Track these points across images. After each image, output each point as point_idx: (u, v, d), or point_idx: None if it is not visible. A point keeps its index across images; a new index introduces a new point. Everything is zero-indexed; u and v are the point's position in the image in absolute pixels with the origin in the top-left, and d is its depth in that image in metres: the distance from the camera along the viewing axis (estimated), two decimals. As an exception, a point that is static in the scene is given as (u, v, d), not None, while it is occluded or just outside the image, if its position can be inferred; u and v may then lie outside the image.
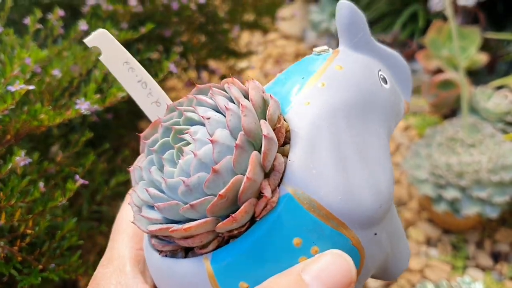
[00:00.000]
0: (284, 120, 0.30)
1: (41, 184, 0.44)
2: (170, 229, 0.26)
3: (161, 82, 1.01)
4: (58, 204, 0.44)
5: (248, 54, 0.97)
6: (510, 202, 0.88)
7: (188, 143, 0.29)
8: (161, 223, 0.28)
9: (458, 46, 0.96)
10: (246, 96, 0.29)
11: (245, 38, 1.47)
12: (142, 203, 0.29)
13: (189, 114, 0.29)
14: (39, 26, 0.58)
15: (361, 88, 0.33)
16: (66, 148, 0.58)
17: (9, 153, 0.46)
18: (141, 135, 0.31)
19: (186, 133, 0.29)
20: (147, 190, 0.28)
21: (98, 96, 0.47)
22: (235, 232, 0.26)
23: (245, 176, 0.25)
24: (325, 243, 0.27)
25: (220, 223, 0.26)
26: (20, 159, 0.43)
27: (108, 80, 0.53)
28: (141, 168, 0.30)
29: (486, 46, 1.21)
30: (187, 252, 0.29)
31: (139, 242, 0.34)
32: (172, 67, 0.53)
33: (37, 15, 0.58)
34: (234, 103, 0.29)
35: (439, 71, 1.18)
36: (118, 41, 0.62)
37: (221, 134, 0.27)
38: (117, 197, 0.69)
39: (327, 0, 1.42)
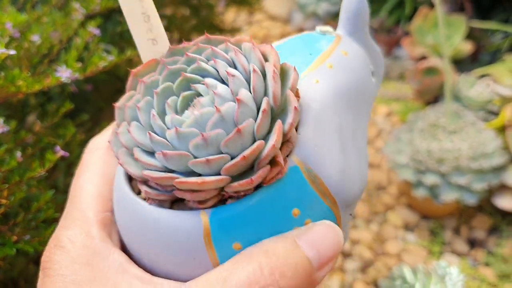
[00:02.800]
0: None
1: (18, 154, 0.42)
2: (179, 180, 0.25)
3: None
4: (37, 175, 0.42)
5: (234, 31, 0.95)
6: (488, 190, 0.89)
7: (198, 94, 0.28)
8: (160, 171, 0.26)
9: (444, 34, 0.96)
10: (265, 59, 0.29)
11: (231, 17, 1.45)
12: (134, 145, 0.28)
13: (204, 65, 0.28)
14: (18, -10, 0.56)
15: (360, 77, 0.34)
16: (43, 118, 0.56)
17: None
18: (133, 71, 0.30)
19: (202, 83, 0.28)
20: (149, 134, 0.26)
21: (79, 64, 0.46)
22: (242, 193, 0.26)
23: (271, 144, 0.25)
24: (318, 217, 0.29)
25: (237, 183, 0.25)
26: (-3, 126, 0.42)
27: (89, 48, 0.51)
28: (138, 108, 0.28)
29: (471, 35, 1.21)
30: (172, 204, 0.28)
31: (106, 204, 0.32)
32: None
33: (16, -21, 0.55)
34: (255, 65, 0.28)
35: (423, 58, 1.18)
36: (99, 8, 0.60)
37: (246, 95, 0.26)
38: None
39: (315, -19, 1.40)
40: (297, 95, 0.29)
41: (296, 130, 0.28)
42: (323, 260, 0.27)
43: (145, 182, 0.27)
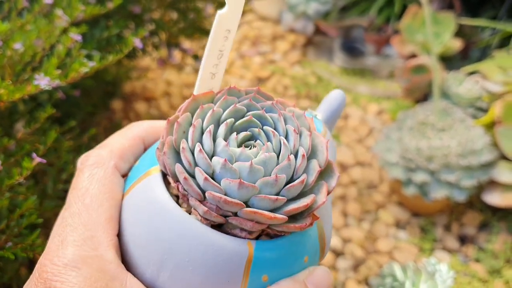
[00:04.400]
0: None
1: (-2, 161, 0.43)
2: (252, 210, 0.29)
3: (133, 61, 0.99)
4: (15, 182, 0.42)
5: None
6: (478, 186, 0.90)
7: (254, 136, 0.33)
8: (222, 194, 0.29)
9: (432, 31, 0.96)
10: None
11: (221, 19, 1.45)
12: (195, 165, 0.30)
13: (266, 115, 0.33)
14: (2, -2, 0.56)
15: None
16: (31, 125, 0.57)
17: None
18: (195, 95, 0.33)
19: (262, 129, 0.33)
20: (225, 161, 0.29)
21: (59, 71, 0.46)
22: (276, 233, 0.31)
23: (323, 200, 0.30)
24: (315, 263, 0.35)
25: (292, 225, 0.30)
26: (-22, 134, 0.42)
27: (71, 55, 0.51)
28: (210, 132, 0.31)
29: (460, 32, 1.22)
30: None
31: (115, 228, 0.32)
32: (137, 42, 0.52)
33: (0, -13, 0.56)
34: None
35: (413, 56, 1.18)
36: (84, 16, 0.61)
37: (304, 153, 0.31)
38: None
39: (305, -18, 1.41)
40: None
41: None
42: None
43: (201, 201, 0.30)
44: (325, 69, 1.36)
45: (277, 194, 0.30)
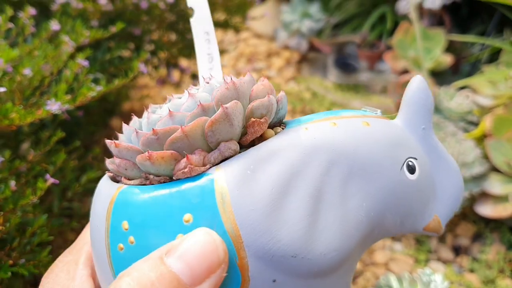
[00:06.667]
0: (281, 127, 0.32)
1: (12, 183, 0.45)
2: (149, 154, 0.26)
3: (133, 80, 1.02)
4: (29, 202, 0.45)
5: (220, 52, 0.98)
6: (470, 198, 0.92)
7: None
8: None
9: (422, 47, 0.99)
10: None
11: (218, 37, 1.48)
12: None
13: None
14: (10, 25, 0.59)
15: (371, 154, 0.31)
16: (37, 145, 0.59)
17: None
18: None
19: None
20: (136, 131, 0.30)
21: (68, 96, 0.48)
22: (162, 180, 0.27)
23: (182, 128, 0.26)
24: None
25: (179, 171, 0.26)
26: (-8, 157, 0.44)
27: (78, 79, 0.54)
28: None
29: (451, 47, 1.25)
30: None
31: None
32: (142, 67, 0.55)
33: (8, 14, 0.58)
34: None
35: (405, 71, 1.21)
36: (89, 41, 0.63)
37: (204, 98, 0.29)
38: (88, 194, 0.70)
39: (299, 0, 1.44)
40: (261, 120, 0.29)
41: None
42: (197, 273, 0.23)
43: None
44: (320, 85, 1.39)
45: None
